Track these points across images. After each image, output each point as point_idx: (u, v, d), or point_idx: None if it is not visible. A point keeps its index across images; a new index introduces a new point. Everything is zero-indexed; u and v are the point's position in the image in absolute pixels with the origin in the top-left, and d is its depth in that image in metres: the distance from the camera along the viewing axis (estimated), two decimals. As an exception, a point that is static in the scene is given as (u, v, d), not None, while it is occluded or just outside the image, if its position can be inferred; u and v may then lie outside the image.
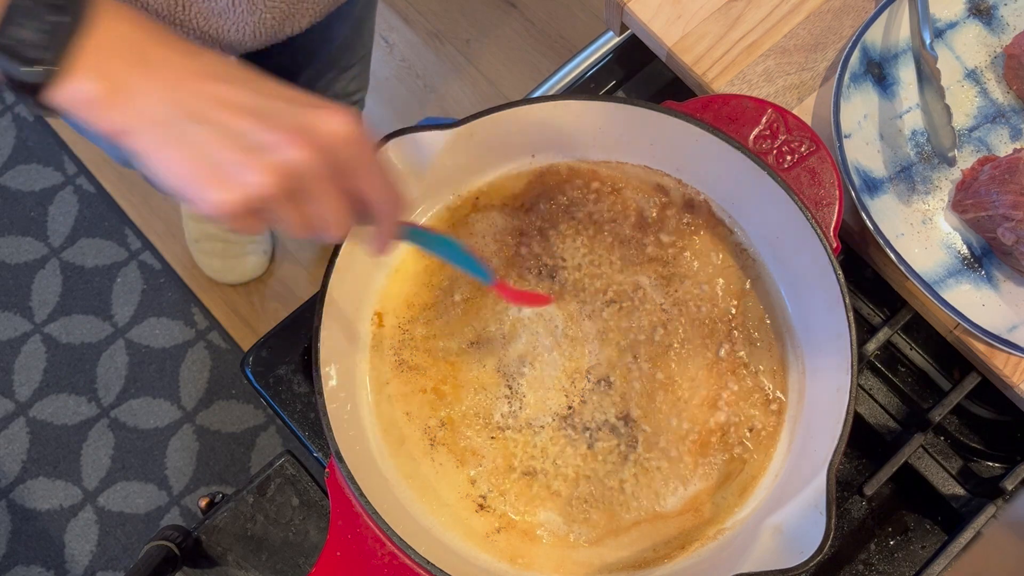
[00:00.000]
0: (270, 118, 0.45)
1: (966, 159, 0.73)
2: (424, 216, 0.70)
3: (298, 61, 1.08)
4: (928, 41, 0.73)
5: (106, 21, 0.45)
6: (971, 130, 0.74)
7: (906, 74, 0.74)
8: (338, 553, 0.59)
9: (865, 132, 0.72)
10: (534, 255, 0.69)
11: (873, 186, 0.70)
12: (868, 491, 0.70)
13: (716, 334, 0.68)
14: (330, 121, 0.46)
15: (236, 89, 0.45)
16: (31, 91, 0.45)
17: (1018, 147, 0.72)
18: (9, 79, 0.45)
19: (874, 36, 0.73)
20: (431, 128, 0.64)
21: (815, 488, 0.57)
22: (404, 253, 0.69)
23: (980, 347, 0.69)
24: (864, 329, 0.75)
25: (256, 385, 0.74)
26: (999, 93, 0.75)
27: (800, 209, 0.62)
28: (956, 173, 0.73)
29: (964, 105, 0.74)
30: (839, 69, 0.71)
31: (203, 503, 0.74)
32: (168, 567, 0.67)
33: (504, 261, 0.69)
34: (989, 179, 0.68)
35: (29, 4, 0.44)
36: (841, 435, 0.58)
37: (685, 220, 0.70)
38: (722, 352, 0.67)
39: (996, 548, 0.63)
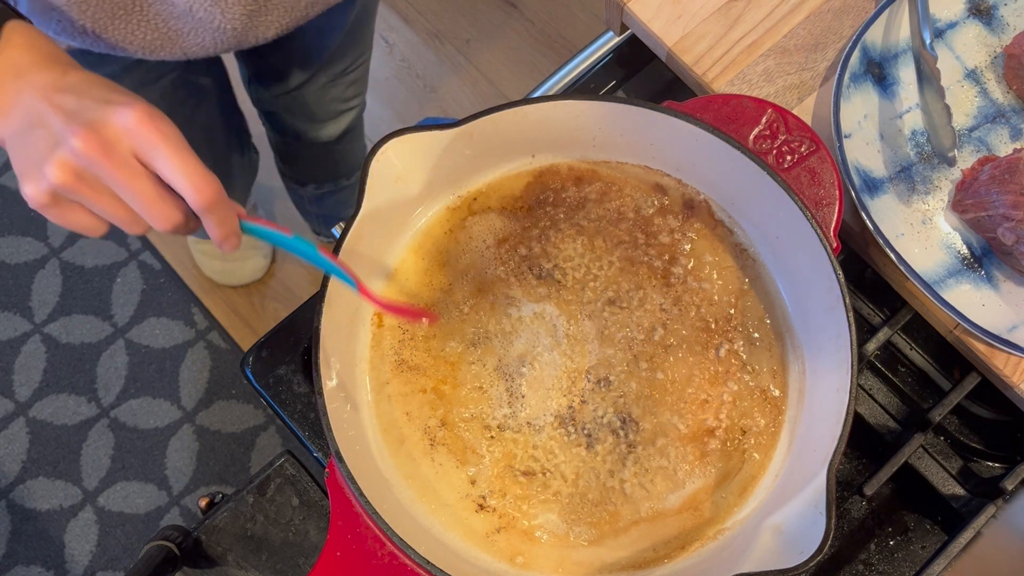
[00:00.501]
0: (75, 116, 0.49)
1: (966, 159, 0.73)
2: (424, 216, 0.70)
3: (293, 60, 1.09)
4: (928, 41, 0.73)
5: (8, 50, 0.52)
6: (971, 130, 0.74)
7: (906, 74, 0.74)
8: (338, 553, 0.59)
9: (865, 132, 0.72)
10: (534, 255, 0.69)
11: (873, 186, 0.70)
12: (868, 491, 0.70)
13: (716, 334, 0.68)
14: (119, 115, 0.49)
15: (72, 97, 0.50)
16: None
17: (1018, 147, 0.72)
18: None
19: (874, 36, 0.73)
20: (431, 128, 0.64)
21: (815, 488, 0.57)
22: (404, 253, 0.69)
23: (980, 347, 0.69)
24: (864, 329, 0.75)
25: (256, 385, 0.74)
26: (999, 93, 0.75)
27: (800, 209, 0.62)
28: (956, 173, 0.73)
29: (964, 105, 0.74)
30: (839, 69, 0.71)
31: (203, 503, 0.74)
32: (168, 567, 0.67)
33: (504, 261, 0.69)
34: (989, 179, 0.68)
35: None
36: (841, 435, 0.58)
37: (685, 220, 0.70)
38: (722, 352, 0.67)
39: (996, 548, 0.63)
